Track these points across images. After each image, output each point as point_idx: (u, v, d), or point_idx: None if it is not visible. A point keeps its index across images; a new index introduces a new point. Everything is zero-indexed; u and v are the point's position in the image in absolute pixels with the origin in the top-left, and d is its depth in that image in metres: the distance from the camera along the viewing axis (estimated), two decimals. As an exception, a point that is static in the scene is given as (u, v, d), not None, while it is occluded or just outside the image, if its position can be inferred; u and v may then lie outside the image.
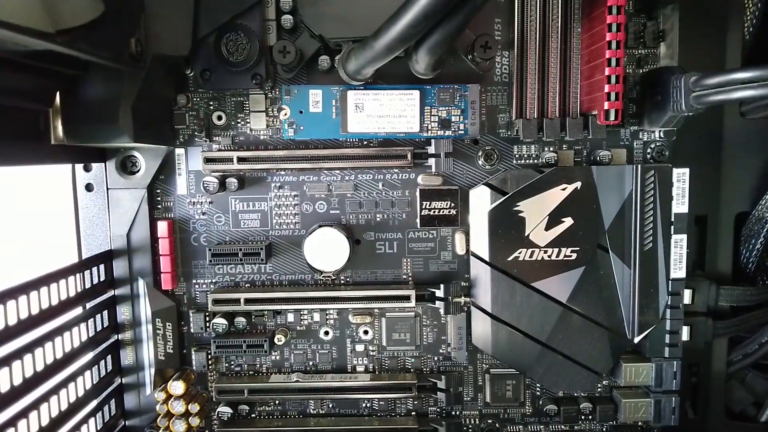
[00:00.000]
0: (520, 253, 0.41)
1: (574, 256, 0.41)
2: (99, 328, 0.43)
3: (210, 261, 0.43)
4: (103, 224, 0.43)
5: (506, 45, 0.42)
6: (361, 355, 0.46)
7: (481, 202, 0.41)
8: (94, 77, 0.35)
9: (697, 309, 0.44)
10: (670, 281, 0.41)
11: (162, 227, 0.43)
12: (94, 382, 0.42)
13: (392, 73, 0.41)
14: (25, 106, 0.34)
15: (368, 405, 0.46)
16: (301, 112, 0.41)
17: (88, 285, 0.41)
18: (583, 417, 0.46)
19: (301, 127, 0.42)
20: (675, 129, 0.42)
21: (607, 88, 0.37)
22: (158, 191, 0.44)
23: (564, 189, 0.41)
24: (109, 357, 0.44)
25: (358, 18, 0.38)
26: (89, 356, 0.42)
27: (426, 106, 0.41)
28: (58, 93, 0.35)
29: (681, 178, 0.41)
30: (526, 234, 0.41)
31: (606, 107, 0.37)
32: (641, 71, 0.42)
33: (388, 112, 0.41)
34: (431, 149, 0.41)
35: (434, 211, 0.42)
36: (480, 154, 0.43)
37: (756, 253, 0.44)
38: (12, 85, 0.32)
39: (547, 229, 0.41)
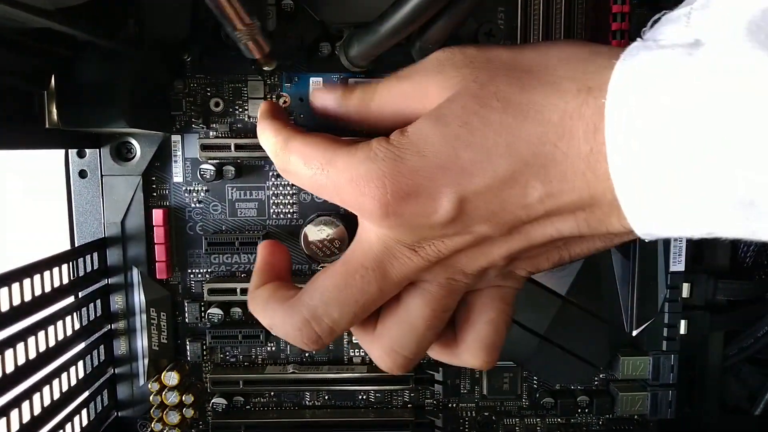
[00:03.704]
0: (520, 244, 0.41)
1: (574, 248, 0.41)
2: (92, 317, 0.42)
3: (206, 250, 0.42)
4: (97, 211, 0.42)
5: (509, 34, 0.42)
6: (357, 346, 0.45)
7: (481, 193, 0.41)
8: (90, 59, 0.34)
9: (695, 303, 0.44)
10: (668, 274, 0.41)
11: (157, 215, 0.42)
12: (87, 372, 0.41)
13: (393, 61, 0.40)
14: (19, 88, 0.34)
15: (365, 397, 0.46)
16: (301, 99, 0.41)
17: (81, 273, 0.41)
18: (579, 410, 0.46)
19: (301, 115, 0.41)
20: (676, 122, 0.42)
21: (610, 79, 0.37)
22: (153, 179, 0.43)
23: (565, 181, 0.40)
24: (101, 347, 0.43)
25: (361, 3, 0.37)
26: (81, 346, 0.41)
27: (427, 95, 0.40)
28: (53, 75, 0.35)
29: (682, 171, 0.41)
30: (527, 225, 0.41)
31: (609, 98, 0.37)
32: (643, 63, 0.42)
33: (389, 100, 0.40)
34: (432, 139, 0.41)
35: (434, 202, 0.42)
36: (481, 144, 0.42)
37: (754, 247, 0.44)
38: (6, 64, 0.31)
39: (547, 220, 0.41)
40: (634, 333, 0.42)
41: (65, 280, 0.39)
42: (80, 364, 0.40)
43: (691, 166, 0.19)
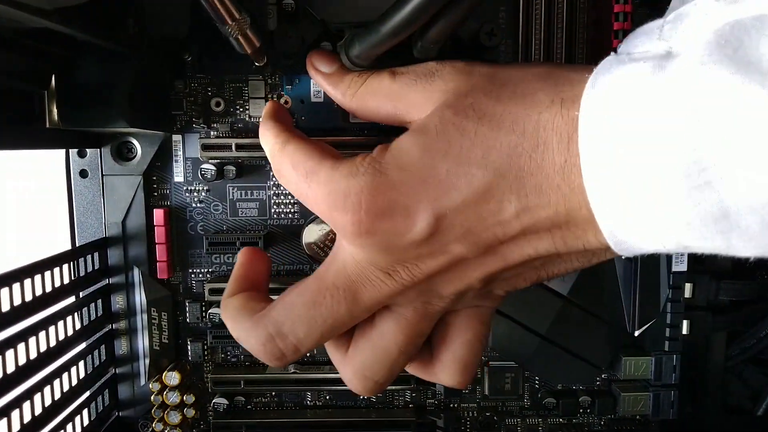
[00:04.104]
0: (521, 244, 0.41)
1: (576, 248, 0.41)
2: (93, 317, 0.42)
3: (207, 250, 0.42)
4: (98, 211, 0.42)
5: (511, 33, 0.41)
6: (359, 346, 0.45)
7: (482, 192, 0.41)
8: (90, 59, 0.34)
9: (698, 303, 0.44)
10: (671, 275, 0.41)
11: (158, 215, 0.42)
12: (88, 372, 0.41)
13: (395, 61, 0.40)
14: (19, 88, 0.34)
15: (366, 397, 0.46)
16: (302, 101, 0.41)
17: (82, 273, 0.41)
18: (581, 410, 0.46)
19: (302, 118, 0.41)
20: (678, 121, 0.42)
21: (612, 79, 0.37)
22: (154, 178, 0.43)
23: (567, 180, 0.40)
24: (102, 347, 0.43)
25: (362, 2, 0.37)
26: (82, 346, 0.41)
27: (429, 94, 0.40)
28: (53, 75, 0.34)
29: (684, 170, 0.40)
30: (528, 225, 0.41)
31: (611, 98, 0.37)
32: (645, 63, 0.42)
33: (391, 100, 0.40)
34: (433, 139, 0.41)
35: (435, 202, 0.42)
36: (482, 144, 0.42)
37: (756, 247, 0.44)
38: (6, 64, 0.31)
39: (549, 220, 0.41)
40: (636, 333, 0.41)
41: (66, 280, 0.39)
42: (81, 364, 0.40)
43: (664, 179, 0.19)
